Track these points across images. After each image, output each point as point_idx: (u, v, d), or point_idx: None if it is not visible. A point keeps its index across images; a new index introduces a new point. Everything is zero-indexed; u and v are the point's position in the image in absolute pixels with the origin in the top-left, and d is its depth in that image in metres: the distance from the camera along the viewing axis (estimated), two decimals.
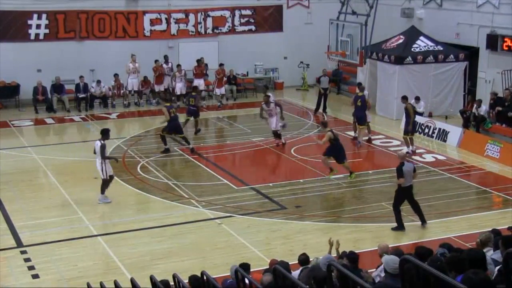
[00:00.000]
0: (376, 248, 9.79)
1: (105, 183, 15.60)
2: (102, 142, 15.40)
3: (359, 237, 13.64)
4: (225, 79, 26.72)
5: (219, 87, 26.42)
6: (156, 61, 26.39)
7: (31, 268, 12.18)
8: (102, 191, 15.65)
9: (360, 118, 20.53)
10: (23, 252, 12.87)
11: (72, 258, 12.60)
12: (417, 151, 19.84)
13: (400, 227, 13.82)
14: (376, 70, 24.83)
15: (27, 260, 12.52)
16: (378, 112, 24.47)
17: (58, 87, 25.40)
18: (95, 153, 15.59)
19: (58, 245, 13.19)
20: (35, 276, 11.87)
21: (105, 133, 15.73)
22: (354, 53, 22.93)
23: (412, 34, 24.66)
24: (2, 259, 12.62)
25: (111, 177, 15.75)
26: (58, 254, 12.81)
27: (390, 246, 9.72)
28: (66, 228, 14.11)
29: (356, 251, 9.62)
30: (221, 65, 26.72)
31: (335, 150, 16.86)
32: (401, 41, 24.47)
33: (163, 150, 19.62)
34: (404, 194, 13.78)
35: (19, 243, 13.29)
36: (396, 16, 26.45)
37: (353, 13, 23.31)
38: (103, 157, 15.36)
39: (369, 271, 9.11)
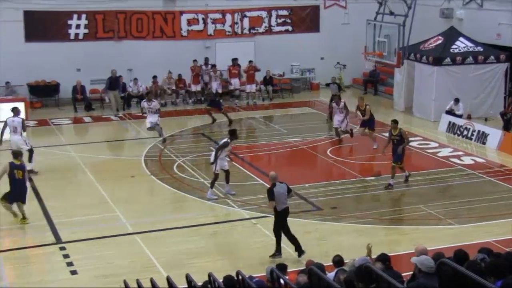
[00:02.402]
0: (413, 251, 9.67)
1: (216, 178, 15.81)
2: (227, 140, 15.77)
3: (395, 239, 13.52)
4: (258, 79, 26.75)
5: (250, 84, 26.55)
6: (194, 60, 26.56)
7: (69, 264, 12.38)
8: (212, 185, 15.87)
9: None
10: (62, 249, 13.07)
11: (109, 256, 12.76)
12: (456, 153, 19.56)
13: (278, 252, 12.48)
14: (414, 71, 24.55)
15: (65, 256, 12.73)
16: (415, 113, 24.23)
17: (115, 80, 25.17)
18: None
19: (96, 242, 13.39)
20: (74, 272, 12.07)
21: (232, 133, 16.10)
22: (391, 54, 22.76)
23: (451, 34, 24.31)
24: (42, 255, 12.87)
25: (227, 173, 15.91)
26: (96, 251, 13.00)
27: (428, 249, 9.58)
28: (104, 225, 14.29)
29: (392, 254, 9.52)
30: (250, 61, 26.79)
31: (12, 188, 14.03)
32: (439, 42, 24.15)
33: None
34: (281, 217, 12.49)
35: (58, 240, 13.52)
36: (434, 16, 26.10)
37: (391, 13, 23.12)
38: (216, 151, 15.68)
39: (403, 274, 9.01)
